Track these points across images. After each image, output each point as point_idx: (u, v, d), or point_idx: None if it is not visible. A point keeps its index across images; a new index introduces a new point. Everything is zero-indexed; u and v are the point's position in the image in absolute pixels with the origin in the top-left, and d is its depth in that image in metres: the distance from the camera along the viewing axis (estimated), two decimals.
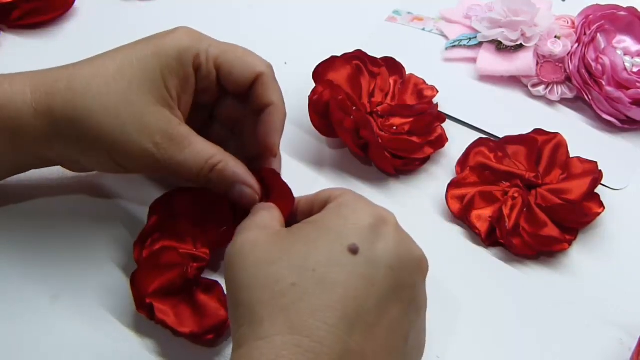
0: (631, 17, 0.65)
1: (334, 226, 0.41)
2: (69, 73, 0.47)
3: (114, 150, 0.46)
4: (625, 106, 0.61)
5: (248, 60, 0.50)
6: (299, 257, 0.40)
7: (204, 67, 0.49)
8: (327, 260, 0.40)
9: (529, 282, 0.53)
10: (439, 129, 0.59)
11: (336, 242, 0.40)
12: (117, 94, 0.46)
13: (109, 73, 0.47)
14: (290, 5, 0.70)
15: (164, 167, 0.47)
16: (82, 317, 0.49)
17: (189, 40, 0.48)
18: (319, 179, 0.58)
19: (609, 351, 0.50)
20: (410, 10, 0.70)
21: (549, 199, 0.54)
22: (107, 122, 0.45)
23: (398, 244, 0.42)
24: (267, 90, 0.49)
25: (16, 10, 0.65)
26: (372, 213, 0.42)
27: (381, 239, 0.41)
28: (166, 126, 0.46)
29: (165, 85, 0.47)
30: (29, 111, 0.46)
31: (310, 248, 0.40)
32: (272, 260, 0.40)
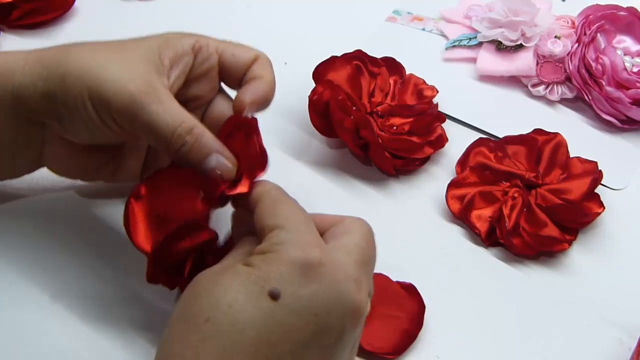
0: (631, 17, 0.65)
1: (262, 263, 0.39)
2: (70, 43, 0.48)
3: (94, 90, 0.45)
4: (625, 106, 0.61)
5: (247, 47, 0.50)
6: (220, 291, 0.39)
7: (204, 49, 0.48)
8: (245, 300, 0.38)
9: (529, 282, 0.53)
10: (439, 129, 0.59)
11: (257, 283, 0.39)
12: (111, 48, 0.46)
13: (108, 42, 0.48)
14: (290, 5, 0.70)
15: (141, 116, 0.45)
16: (82, 317, 0.49)
17: (192, 34, 0.49)
18: (319, 179, 0.58)
19: (609, 351, 0.50)
20: (410, 10, 0.70)
21: (549, 199, 0.54)
22: (93, 63, 0.45)
23: (329, 288, 0.39)
24: (262, 68, 0.49)
25: (16, 10, 0.65)
26: (301, 256, 0.39)
27: (310, 283, 0.39)
28: (151, 79, 0.45)
29: (160, 54, 0.47)
30: (19, 60, 0.46)
31: (232, 283, 0.39)
32: (199, 293, 0.39)
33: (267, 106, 0.48)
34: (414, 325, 0.49)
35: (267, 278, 0.39)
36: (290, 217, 0.42)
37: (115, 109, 0.45)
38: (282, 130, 0.60)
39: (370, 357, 0.48)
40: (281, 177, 0.52)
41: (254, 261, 0.40)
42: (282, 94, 0.62)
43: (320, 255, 0.39)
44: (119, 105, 0.44)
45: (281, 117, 0.61)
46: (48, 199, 0.54)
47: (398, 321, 0.49)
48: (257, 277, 0.39)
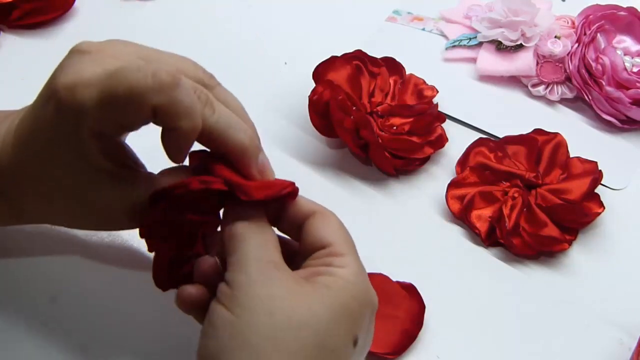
0: (631, 17, 0.65)
1: (350, 308, 0.39)
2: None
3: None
4: (625, 106, 0.61)
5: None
6: (324, 330, 0.38)
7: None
8: (342, 345, 0.38)
9: (529, 282, 0.53)
10: (439, 129, 0.59)
11: (351, 332, 0.39)
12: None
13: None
14: (290, 5, 0.70)
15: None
16: (82, 317, 0.49)
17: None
18: (319, 179, 0.58)
19: (609, 351, 0.50)
20: (410, 10, 0.70)
21: (549, 199, 0.54)
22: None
23: (372, 336, 0.42)
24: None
25: (16, 10, 0.65)
26: (374, 304, 0.41)
27: (370, 331, 0.41)
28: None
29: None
30: None
31: (333, 324, 0.38)
32: (302, 322, 0.37)
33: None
34: (414, 325, 0.49)
35: (356, 325, 0.39)
36: (346, 238, 0.42)
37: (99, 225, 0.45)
38: (282, 130, 0.60)
39: (370, 357, 0.48)
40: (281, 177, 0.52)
41: (342, 292, 0.39)
42: (282, 94, 0.62)
43: (374, 301, 0.41)
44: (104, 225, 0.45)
45: (281, 117, 0.61)
46: None
47: (398, 321, 0.49)
48: (352, 321, 0.39)
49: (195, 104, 0.41)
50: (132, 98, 0.39)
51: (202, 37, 0.67)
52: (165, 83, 0.40)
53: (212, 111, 0.42)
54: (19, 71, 0.63)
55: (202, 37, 0.67)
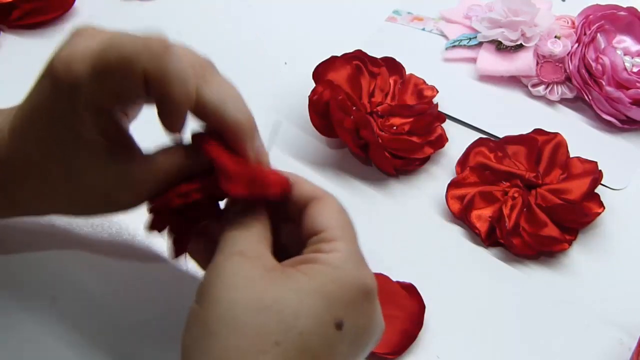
0: (631, 17, 0.65)
1: (327, 291, 0.38)
2: None
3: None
4: (625, 106, 0.61)
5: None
6: (289, 313, 0.37)
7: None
8: (315, 327, 0.37)
9: (529, 282, 0.53)
10: (439, 129, 0.59)
11: (326, 312, 0.38)
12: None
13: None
14: (290, 5, 0.70)
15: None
16: (82, 317, 0.49)
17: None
18: (319, 179, 0.58)
19: (609, 351, 0.50)
20: (410, 10, 0.70)
21: (549, 199, 0.54)
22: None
23: (375, 323, 0.40)
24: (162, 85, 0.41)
25: (16, 10, 0.65)
26: (364, 285, 0.39)
27: (364, 316, 0.39)
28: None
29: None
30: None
31: (301, 307, 0.38)
32: (262, 306, 0.37)
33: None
34: (414, 325, 0.49)
35: (334, 306, 0.38)
36: (342, 224, 0.41)
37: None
38: (282, 130, 0.60)
39: (370, 357, 0.48)
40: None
41: (320, 276, 0.38)
42: (282, 94, 0.62)
43: (374, 284, 0.40)
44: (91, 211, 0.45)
45: (281, 117, 0.61)
46: None
47: (398, 321, 0.49)
48: (328, 304, 0.38)
49: (187, 71, 0.41)
50: (124, 64, 0.39)
51: (202, 37, 0.67)
52: (155, 48, 0.40)
53: (206, 83, 0.42)
54: (19, 71, 0.63)
55: (202, 37, 0.67)
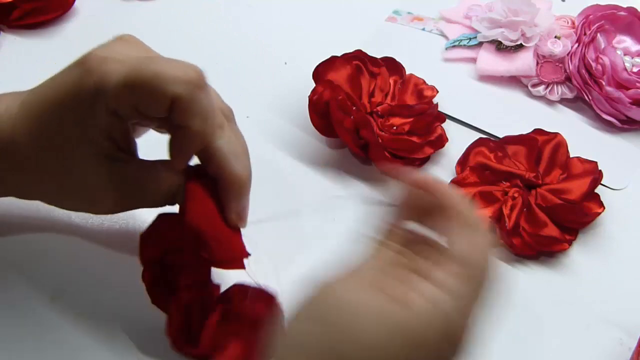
0: (631, 17, 0.65)
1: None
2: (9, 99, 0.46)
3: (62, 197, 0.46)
4: (625, 106, 0.61)
5: (163, 85, 0.41)
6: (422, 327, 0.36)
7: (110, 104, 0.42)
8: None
9: (529, 282, 0.53)
10: (439, 129, 0.59)
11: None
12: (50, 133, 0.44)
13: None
14: (290, 5, 0.70)
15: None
16: (82, 317, 0.49)
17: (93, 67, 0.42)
18: (319, 179, 0.58)
19: (609, 351, 0.50)
20: (410, 10, 0.70)
21: (549, 199, 0.54)
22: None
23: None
24: (183, 115, 0.42)
25: (16, 10, 0.65)
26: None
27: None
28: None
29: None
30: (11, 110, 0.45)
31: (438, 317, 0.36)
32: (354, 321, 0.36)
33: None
34: None
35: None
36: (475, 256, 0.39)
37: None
38: (282, 130, 0.60)
39: None
40: (281, 177, 0.52)
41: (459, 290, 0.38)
42: (282, 94, 0.62)
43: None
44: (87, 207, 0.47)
45: (281, 117, 0.61)
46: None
47: None
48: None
49: (213, 111, 0.42)
50: (157, 81, 0.40)
51: (203, 37, 0.67)
52: (193, 77, 0.41)
53: (222, 131, 0.43)
54: (19, 71, 0.63)
55: (203, 37, 0.67)
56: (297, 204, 0.52)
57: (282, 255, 0.51)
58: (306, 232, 0.54)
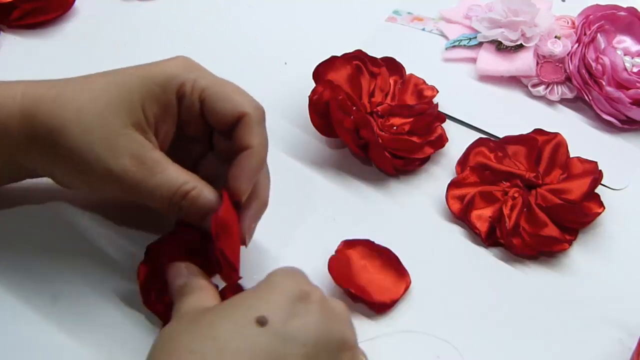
0: (631, 17, 0.65)
1: (247, 300, 0.40)
2: (62, 85, 0.47)
3: (81, 167, 0.45)
4: (625, 106, 0.61)
5: (235, 98, 0.47)
6: (204, 326, 0.39)
7: (187, 98, 0.47)
8: (231, 329, 0.38)
9: (529, 282, 0.53)
10: (439, 129, 0.59)
11: (244, 314, 0.39)
12: (94, 112, 0.45)
13: (93, 91, 0.46)
14: (290, 5, 0.70)
15: (133, 191, 0.45)
16: (82, 317, 0.49)
17: (179, 68, 0.47)
18: (319, 179, 0.58)
19: (609, 351, 0.50)
20: (410, 10, 0.70)
21: (549, 199, 0.54)
22: (79, 138, 0.45)
23: (317, 323, 0.39)
24: (248, 133, 0.46)
25: (16, 10, 0.65)
26: (293, 289, 0.40)
27: (298, 316, 0.39)
28: (138, 149, 0.45)
29: (144, 109, 0.46)
30: (15, 114, 0.46)
31: (217, 318, 0.39)
32: (179, 332, 0.40)
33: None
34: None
35: (255, 308, 0.39)
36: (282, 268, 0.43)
37: (106, 187, 0.46)
38: (282, 130, 0.60)
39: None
40: (281, 177, 0.52)
41: (245, 293, 0.41)
42: (282, 94, 0.62)
43: (312, 290, 0.41)
44: (109, 184, 0.46)
45: (281, 117, 0.61)
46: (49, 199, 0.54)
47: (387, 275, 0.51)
48: (246, 308, 0.39)
49: (267, 145, 0.48)
50: (232, 96, 0.47)
51: (202, 37, 0.67)
52: (260, 106, 0.47)
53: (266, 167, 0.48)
54: (19, 71, 0.62)
55: (202, 37, 0.67)
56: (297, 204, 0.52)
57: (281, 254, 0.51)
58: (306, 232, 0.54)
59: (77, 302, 0.49)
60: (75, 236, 0.52)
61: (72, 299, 0.49)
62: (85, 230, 0.52)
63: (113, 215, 0.53)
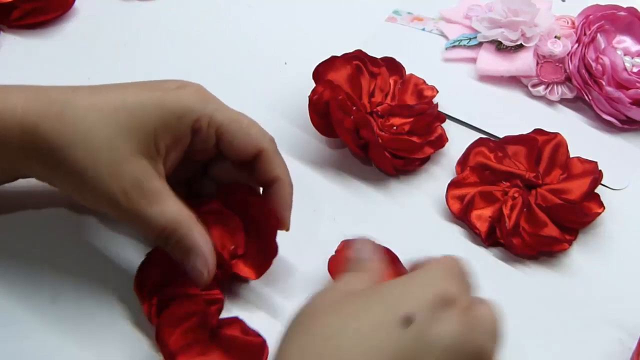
0: (631, 17, 0.65)
1: (394, 293, 0.38)
2: (67, 98, 0.46)
3: (82, 186, 0.45)
4: (625, 106, 0.61)
5: (251, 133, 0.48)
6: (347, 316, 0.37)
7: (203, 132, 0.48)
8: (375, 324, 0.37)
9: (529, 282, 0.53)
10: (439, 129, 0.59)
11: (389, 310, 0.37)
12: (103, 134, 0.45)
13: (103, 111, 0.46)
14: (290, 5, 0.70)
15: (127, 217, 0.46)
16: (82, 318, 0.49)
17: (196, 101, 0.47)
18: (319, 179, 0.58)
19: (609, 351, 0.50)
20: (410, 10, 0.70)
21: (549, 199, 0.54)
22: (83, 159, 0.45)
23: (461, 333, 0.37)
24: (271, 165, 0.49)
25: (16, 10, 0.65)
26: (440, 290, 0.38)
27: (441, 322, 0.37)
28: (141, 177, 0.45)
29: (156, 138, 0.46)
30: (14, 127, 0.45)
31: (361, 309, 0.38)
32: (320, 314, 0.38)
33: None
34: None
35: (401, 304, 0.38)
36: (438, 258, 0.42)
37: (103, 208, 0.47)
38: (282, 130, 0.60)
39: None
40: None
41: (388, 283, 0.39)
42: (282, 94, 0.62)
43: (460, 295, 0.39)
44: (107, 206, 0.46)
45: (281, 117, 0.61)
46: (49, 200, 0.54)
47: None
48: (392, 303, 0.38)
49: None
50: (248, 130, 0.48)
51: (202, 37, 0.67)
52: (272, 138, 0.49)
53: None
54: (19, 71, 0.63)
55: (202, 37, 0.67)
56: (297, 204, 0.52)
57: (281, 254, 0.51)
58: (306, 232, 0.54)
59: (75, 303, 0.49)
60: (74, 237, 0.52)
61: (71, 300, 0.49)
62: (84, 231, 0.52)
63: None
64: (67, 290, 0.50)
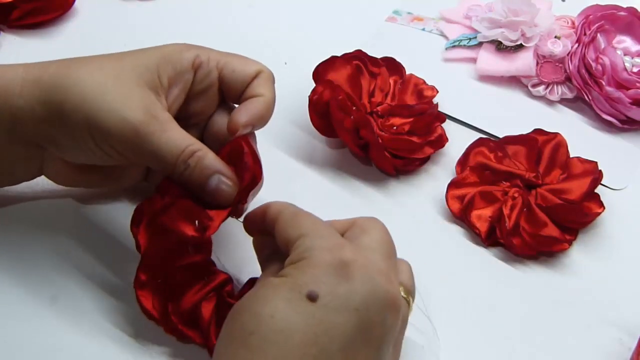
0: (631, 17, 0.65)
1: (294, 271, 0.40)
2: (67, 60, 0.48)
3: (93, 121, 0.45)
4: (625, 106, 0.61)
5: (249, 61, 0.50)
6: (259, 304, 0.39)
7: (205, 65, 0.49)
8: (285, 307, 0.39)
9: (529, 282, 0.53)
10: (439, 129, 0.59)
11: (294, 290, 0.39)
12: (108, 69, 0.46)
13: (104, 56, 0.48)
14: (291, 5, 0.71)
15: (143, 146, 0.45)
16: (82, 317, 0.49)
17: (192, 46, 0.50)
18: (319, 179, 0.58)
19: (609, 351, 0.50)
20: (410, 10, 0.70)
21: (549, 199, 0.54)
22: (92, 91, 0.45)
23: (364, 284, 0.40)
24: (262, 85, 0.49)
25: (16, 10, 0.65)
26: (337, 253, 0.41)
27: (345, 281, 0.40)
28: (151, 105, 0.46)
29: (159, 71, 0.47)
30: (17, 80, 0.46)
31: (269, 295, 0.39)
32: (238, 311, 0.40)
33: (263, 125, 0.49)
34: None
35: (303, 283, 0.39)
36: (311, 225, 0.43)
37: (116, 140, 0.45)
38: (282, 130, 0.60)
39: None
40: (281, 178, 0.52)
41: (287, 271, 0.41)
42: (282, 94, 0.62)
43: (350, 254, 0.41)
44: (120, 136, 0.45)
45: (281, 117, 0.61)
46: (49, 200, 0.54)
47: None
48: (292, 284, 0.40)
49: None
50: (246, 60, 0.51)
51: (202, 37, 0.66)
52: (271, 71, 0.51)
53: None
54: None
55: (202, 37, 0.66)
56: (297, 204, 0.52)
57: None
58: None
59: (75, 302, 0.49)
60: (75, 236, 0.52)
61: (71, 299, 0.49)
62: (84, 230, 0.52)
63: (113, 215, 0.53)
64: (67, 290, 0.50)
